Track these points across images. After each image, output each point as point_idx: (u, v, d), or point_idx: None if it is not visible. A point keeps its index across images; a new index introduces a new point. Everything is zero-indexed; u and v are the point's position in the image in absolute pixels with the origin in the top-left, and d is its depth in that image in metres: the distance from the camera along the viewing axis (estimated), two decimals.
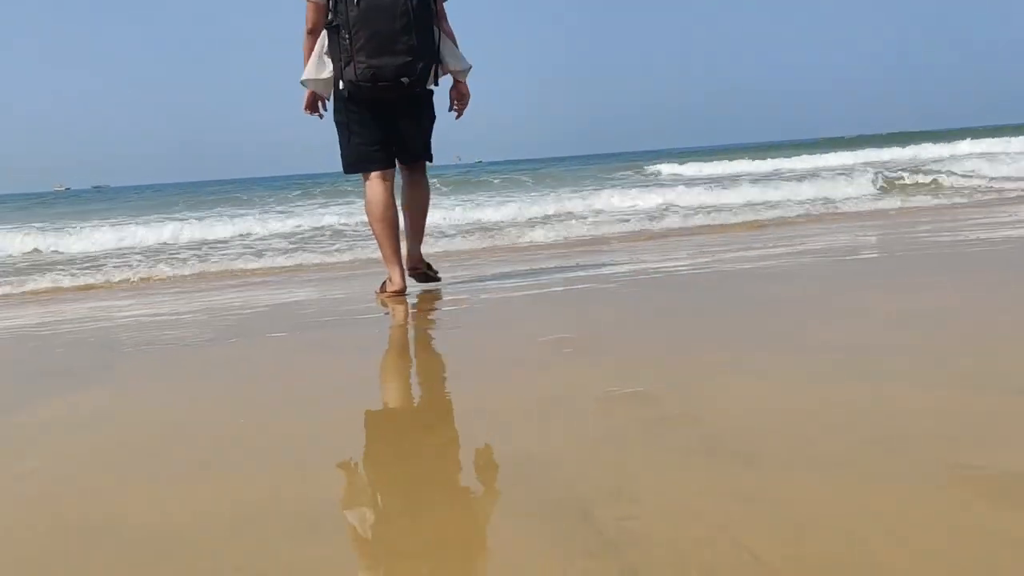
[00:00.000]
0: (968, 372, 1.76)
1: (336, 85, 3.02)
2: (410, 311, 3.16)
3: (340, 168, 3.24)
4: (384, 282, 3.36)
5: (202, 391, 2.13)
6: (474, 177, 20.63)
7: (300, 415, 1.83)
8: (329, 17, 2.94)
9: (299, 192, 17.79)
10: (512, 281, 3.79)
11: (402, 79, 2.91)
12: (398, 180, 3.30)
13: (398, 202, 3.26)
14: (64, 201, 27.81)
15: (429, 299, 3.41)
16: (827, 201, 7.62)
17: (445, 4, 3.10)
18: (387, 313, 3.16)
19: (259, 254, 6.10)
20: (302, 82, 3.12)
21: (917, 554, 0.97)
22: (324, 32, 3.00)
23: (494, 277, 4.02)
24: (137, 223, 9.09)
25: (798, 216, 6.60)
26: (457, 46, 3.13)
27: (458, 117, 3.28)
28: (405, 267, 3.32)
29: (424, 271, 3.49)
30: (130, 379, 2.30)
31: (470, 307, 3.18)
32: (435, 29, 2.99)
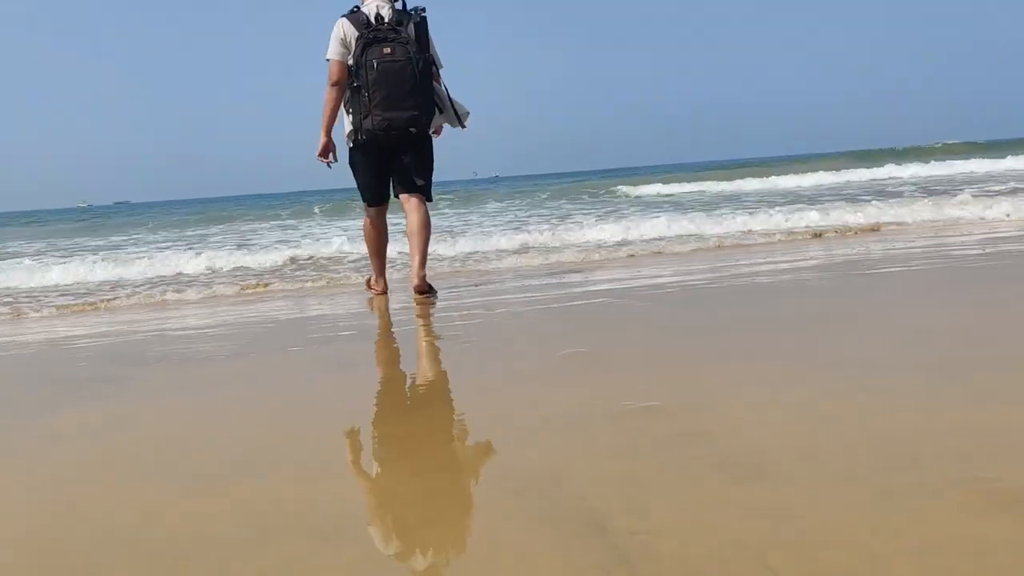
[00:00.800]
0: (983, 386, 1.75)
1: (356, 133, 3.69)
2: (424, 326, 3.19)
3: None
4: (369, 278, 4.23)
5: (220, 403, 2.15)
6: (493, 189, 21.03)
7: (317, 428, 1.85)
8: (351, 79, 3.60)
9: (314, 208, 17.98)
10: (526, 296, 3.80)
11: (411, 129, 3.63)
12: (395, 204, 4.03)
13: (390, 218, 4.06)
14: (89, 218, 28.04)
15: (444, 314, 3.44)
16: None
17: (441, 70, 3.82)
18: (402, 328, 3.19)
19: (280, 271, 6.17)
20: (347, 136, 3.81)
21: (932, 568, 0.97)
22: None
23: (508, 292, 4.03)
24: (172, 247, 9.29)
25: None
26: (453, 100, 3.81)
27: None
28: (413, 291, 3.85)
29: (427, 292, 3.86)
30: (151, 390, 2.33)
31: (484, 321, 3.20)
32: (434, 89, 3.70)
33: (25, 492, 1.54)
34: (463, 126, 3.85)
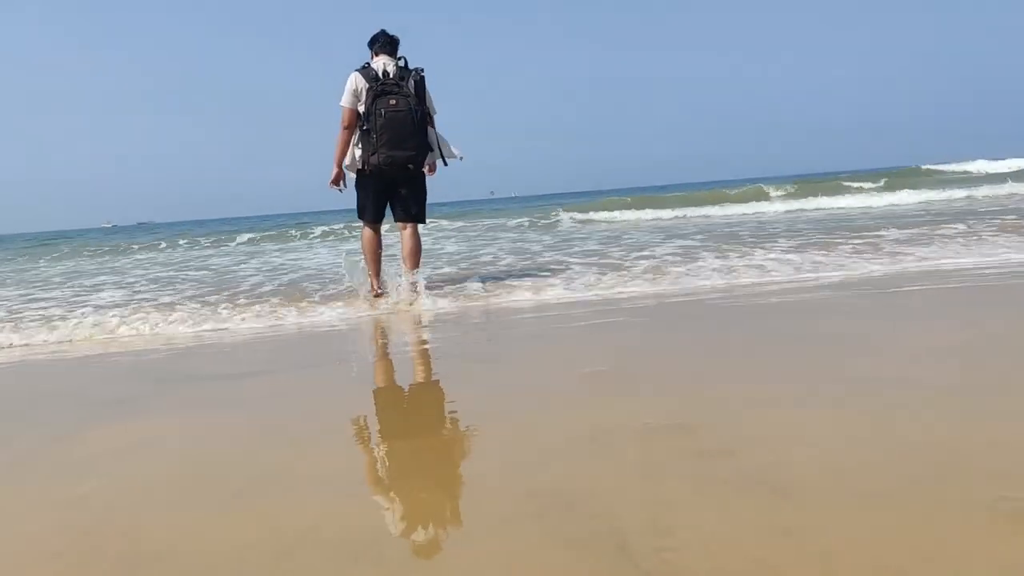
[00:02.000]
0: (1008, 405, 1.73)
1: (363, 166, 4.53)
2: (445, 345, 3.20)
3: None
4: (370, 286, 4.73)
5: (242, 422, 2.17)
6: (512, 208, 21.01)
7: (338, 447, 1.86)
8: (362, 123, 4.45)
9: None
10: (547, 315, 3.81)
11: (409, 165, 4.49)
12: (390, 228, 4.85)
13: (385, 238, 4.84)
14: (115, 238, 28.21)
15: (466, 332, 3.45)
16: None
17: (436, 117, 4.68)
18: (423, 347, 3.21)
19: (299, 287, 6.21)
20: (344, 167, 4.60)
21: None
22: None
23: (529, 311, 4.05)
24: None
25: None
26: (442, 141, 4.66)
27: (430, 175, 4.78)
28: (405, 287, 4.61)
29: (412, 290, 4.71)
30: (175, 410, 2.36)
31: (507, 340, 3.21)
32: (429, 132, 4.56)
33: (54, 510, 1.56)
34: (445, 163, 4.71)
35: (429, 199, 4.79)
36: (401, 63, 4.51)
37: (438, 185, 4.63)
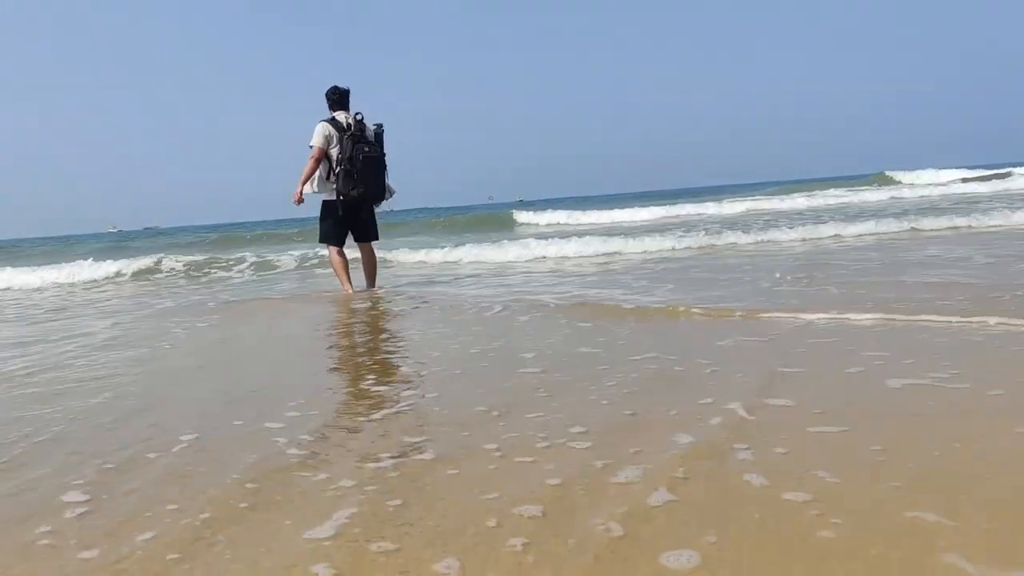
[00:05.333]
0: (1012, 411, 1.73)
1: (338, 197, 5.62)
2: (451, 349, 3.20)
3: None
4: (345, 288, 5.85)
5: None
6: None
7: (341, 450, 1.86)
8: (339, 164, 5.56)
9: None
10: (552, 319, 3.81)
11: (375, 198, 5.73)
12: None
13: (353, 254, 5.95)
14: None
15: (473, 339, 3.45)
16: None
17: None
18: (428, 350, 3.21)
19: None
20: (312, 192, 5.68)
21: None
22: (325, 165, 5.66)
23: (534, 312, 4.04)
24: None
25: None
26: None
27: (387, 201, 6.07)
28: (367, 294, 5.69)
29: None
30: (175, 416, 2.36)
31: (512, 346, 3.21)
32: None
33: (58, 518, 1.56)
34: (387, 198, 5.87)
35: (428, 202, 5.36)
36: (359, 117, 5.67)
37: (437, 187, 4.82)
